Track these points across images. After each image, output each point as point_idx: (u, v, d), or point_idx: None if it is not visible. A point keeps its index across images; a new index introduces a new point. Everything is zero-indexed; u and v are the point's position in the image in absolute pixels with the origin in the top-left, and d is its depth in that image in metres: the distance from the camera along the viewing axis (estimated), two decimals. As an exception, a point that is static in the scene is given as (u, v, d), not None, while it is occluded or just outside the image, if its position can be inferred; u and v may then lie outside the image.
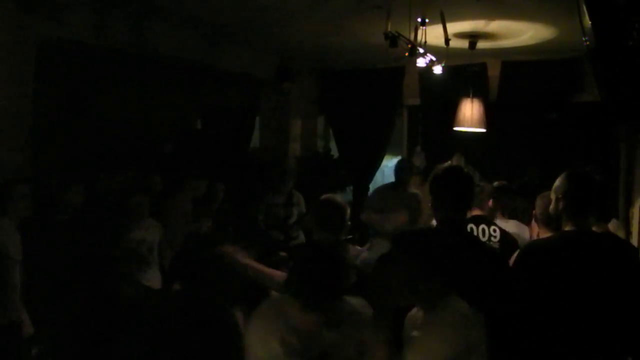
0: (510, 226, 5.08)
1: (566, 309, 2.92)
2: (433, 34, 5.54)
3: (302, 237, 7.87)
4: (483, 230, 4.62)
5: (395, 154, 10.66)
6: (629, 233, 6.56)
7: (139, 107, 9.22)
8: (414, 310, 2.83)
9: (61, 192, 5.61)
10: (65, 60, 7.34)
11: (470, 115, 7.75)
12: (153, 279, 5.95)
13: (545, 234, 3.92)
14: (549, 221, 3.97)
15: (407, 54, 5.53)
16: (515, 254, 3.30)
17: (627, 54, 3.19)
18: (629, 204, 6.87)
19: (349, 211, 3.96)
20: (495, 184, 5.72)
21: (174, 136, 9.93)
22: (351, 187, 9.72)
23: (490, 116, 7.87)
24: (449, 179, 3.32)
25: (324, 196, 4.01)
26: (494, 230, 4.62)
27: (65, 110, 8.47)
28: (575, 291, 2.92)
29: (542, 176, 6.96)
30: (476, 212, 4.77)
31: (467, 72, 7.99)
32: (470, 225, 4.56)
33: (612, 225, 4.41)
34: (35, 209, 5.08)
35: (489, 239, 4.57)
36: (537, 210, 4.06)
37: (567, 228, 3.05)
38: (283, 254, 5.71)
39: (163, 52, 6.96)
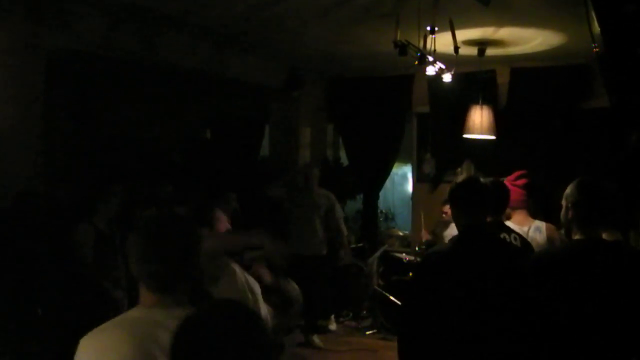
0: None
1: (576, 317, 2.91)
2: (442, 42, 5.54)
3: None
4: (504, 238, 4.59)
5: (405, 161, 10.67)
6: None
7: (148, 117, 9.26)
8: None
9: (102, 202, 5.73)
10: (75, 71, 7.38)
11: (479, 122, 7.74)
12: None
13: None
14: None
15: (416, 62, 5.54)
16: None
17: (636, 60, 3.18)
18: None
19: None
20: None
21: (184, 146, 9.96)
22: (361, 195, 9.73)
23: (499, 123, 7.86)
24: (465, 190, 3.43)
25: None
26: (515, 238, 4.58)
27: (75, 121, 8.50)
28: (584, 300, 2.90)
29: (551, 182, 6.92)
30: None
31: (476, 79, 7.98)
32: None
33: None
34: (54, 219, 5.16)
35: None
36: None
37: (576, 237, 3.04)
38: None
39: (172, 62, 6.99)
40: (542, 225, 4.62)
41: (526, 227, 4.60)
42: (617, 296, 2.90)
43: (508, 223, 4.46)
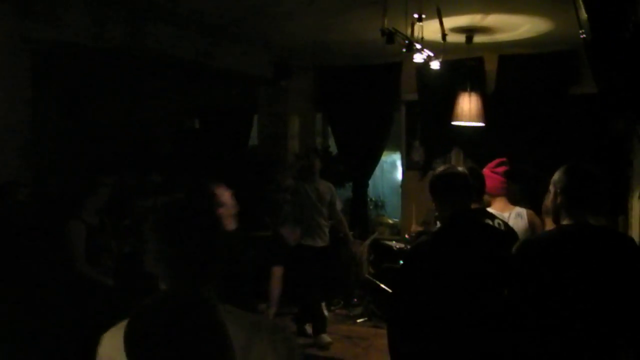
0: None
1: (565, 302, 2.93)
2: (430, 29, 5.54)
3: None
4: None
5: (394, 149, 10.67)
6: (628, 225, 6.56)
7: (136, 108, 9.23)
8: None
9: (88, 195, 5.68)
10: (62, 63, 7.34)
11: (468, 110, 7.76)
12: None
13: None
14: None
15: (404, 49, 5.54)
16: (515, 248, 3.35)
17: (623, 46, 3.19)
18: (628, 195, 6.87)
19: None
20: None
21: (173, 136, 9.94)
22: (350, 184, 9.74)
23: (488, 110, 7.88)
24: (446, 180, 3.47)
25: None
26: (499, 224, 4.61)
27: (63, 112, 8.47)
28: (574, 285, 2.93)
29: (539, 167, 6.95)
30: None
31: (464, 67, 7.99)
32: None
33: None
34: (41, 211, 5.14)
35: None
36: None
37: (565, 222, 3.06)
38: None
39: (160, 52, 6.96)
40: (523, 211, 4.65)
41: (507, 213, 4.62)
42: (607, 280, 2.93)
43: (490, 209, 4.49)
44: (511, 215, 4.62)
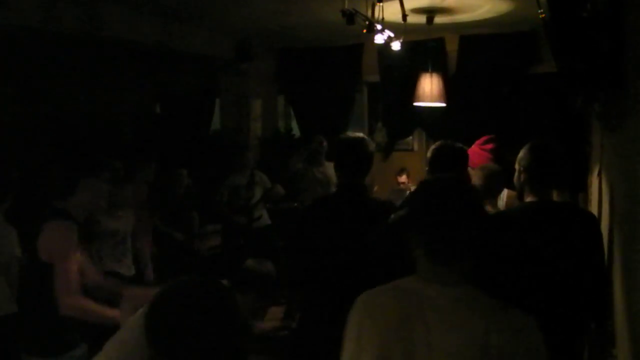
0: None
1: (530, 277, 2.97)
2: (390, 10, 5.54)
3: (266, 218, 7.86)
4: None
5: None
6: (588, 201, 6.65)
7: (95, 93, 9.08)
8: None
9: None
10: (14, 48, 7.18)
11: (429, 90, 7.79)
12: (128, 269, 5.83)
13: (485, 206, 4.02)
14: (488, 192, 4.11)
15: (365, 30, 5.53)
16: None
17: (581, 25, 3.22)
18: (587, 172, 6.97)
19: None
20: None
21: (133, 121, 9.80)
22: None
23: (449, 90, 7.92)
24: (347, 147, 3.69)
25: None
26: None
27: (17, 100, 8.30)
28: (538, 260, 2.97)
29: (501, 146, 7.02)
30: None
31: (425, 47, 8.02)
32: None
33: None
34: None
35: None
36: (477, 182, 4.17)
37: (529, 199, 3.10)
38: None
39: (118, 36, 6.84)
40: (504, 190, 4.67)
41: None
42: (569, 255, 2.97)
43: None
44: None
